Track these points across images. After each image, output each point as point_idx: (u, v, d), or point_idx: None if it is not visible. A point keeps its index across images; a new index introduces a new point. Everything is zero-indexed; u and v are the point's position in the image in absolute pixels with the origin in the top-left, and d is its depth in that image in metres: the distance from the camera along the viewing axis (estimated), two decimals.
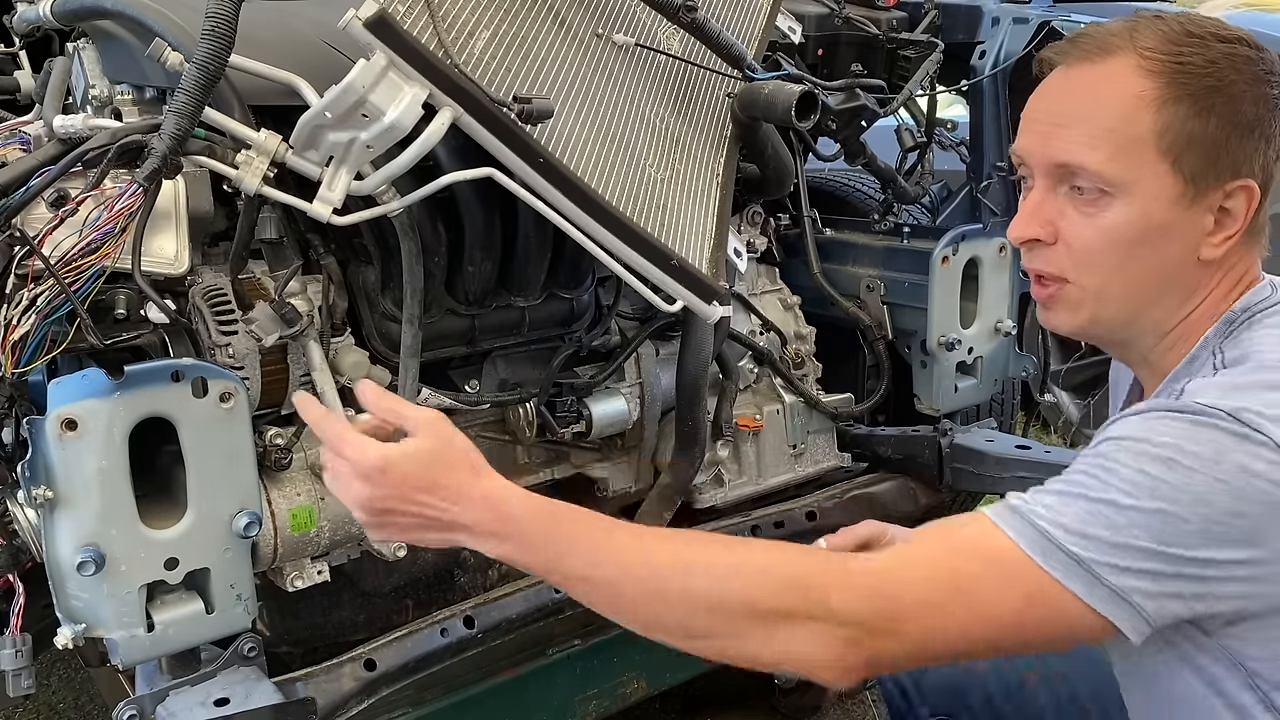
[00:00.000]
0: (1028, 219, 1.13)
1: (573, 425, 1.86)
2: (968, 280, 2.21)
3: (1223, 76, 1.06)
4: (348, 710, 1.52)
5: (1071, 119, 1.09)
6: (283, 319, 1.49)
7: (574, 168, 1.47)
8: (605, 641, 1.85)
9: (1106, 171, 1.07)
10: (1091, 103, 1.08)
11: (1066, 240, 1.11)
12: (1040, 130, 1.12)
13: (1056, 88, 1.12)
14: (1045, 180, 1.12)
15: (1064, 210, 1.11)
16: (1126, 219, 1.08)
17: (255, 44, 1.38)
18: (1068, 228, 1.11)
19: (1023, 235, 1.14)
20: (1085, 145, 1.07)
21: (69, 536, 1.29)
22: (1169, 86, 1.05)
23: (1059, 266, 1.13)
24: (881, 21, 2.34)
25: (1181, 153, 1.06)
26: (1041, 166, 1.12)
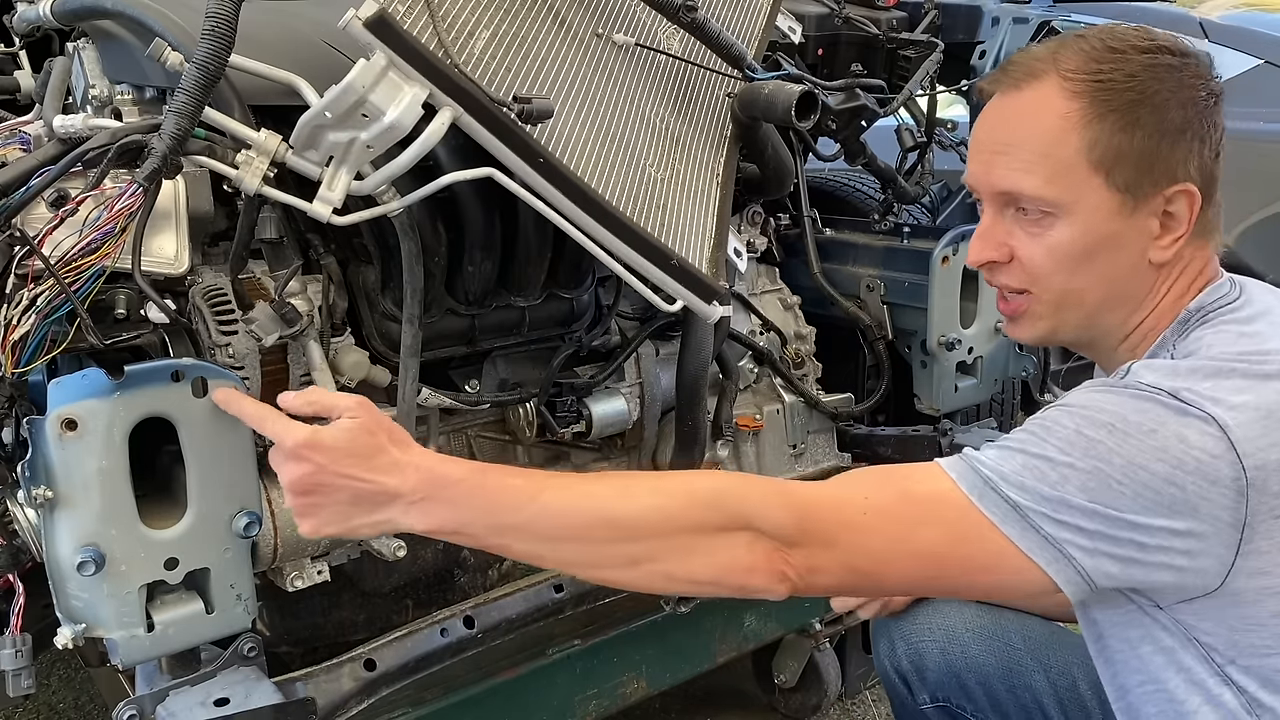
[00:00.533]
0: (981, 243, 1.20)
1: (573, 425, 1.86)
2: (968, 280, 2.21)
3: (1145, 88, 1.10)
4: (348, 710, 1.52)
5: (1007, 146, 1.15)
6: (283, 319, 1.49)
7: (574, 168, 1.47)
8: (605, 641, 1.85)
9: (1045, 194, 1.12)
10: (1022, 129, 1.14)
11: (1020, 258, 1.18)
12: (982, 159, 1.18)
13: (992, 116, 1.18)
14: (992, 205, 1.19)
15: (1013, 231, 1.17)
16: (1070, 236, 1.13)
17: (255, 44, 1.38)
18: (1019, 247, 1.17)
19: (979, 259, 1.21)
20: (1022, 171, 1.13)
21: (69, 536, 1.29)
22: (1092, 105, 1.10)
23: (1017, 281, 1.19)
24: (881, 21, 2.34)
25: (1113, 167, 1.11)
26: (987, 193, 1.19)
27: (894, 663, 1.57)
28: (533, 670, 1.77)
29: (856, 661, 2.39)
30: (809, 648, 2.26)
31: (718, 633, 2.03)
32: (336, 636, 1.82)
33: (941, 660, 1.50)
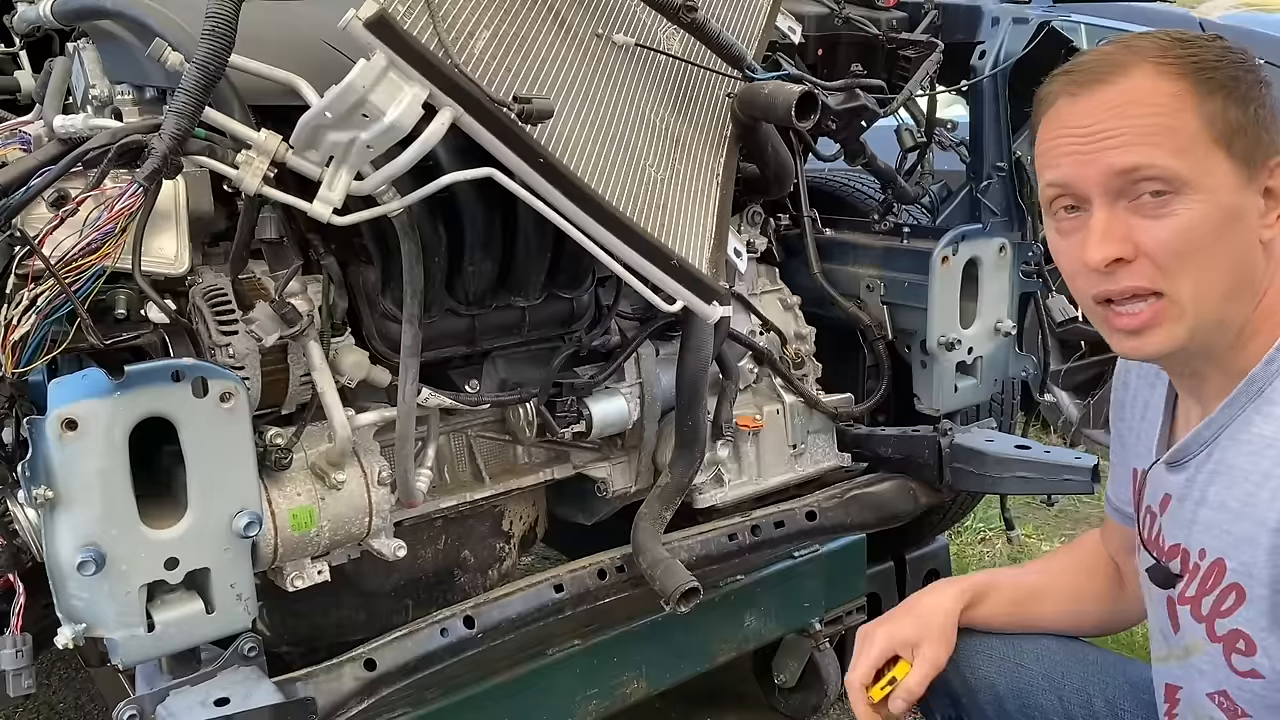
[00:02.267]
0: (1102, 239, 1.08)
1: (573, 425, 1.86)
2: (968, 280, 2.21)
3: (1236, 65, 1.08)
4: (348, 710, 1.52)
5: (1119, 130, 1.07)
6: (283, 319, 1.50)
7: (574, 168, 1.47)
8: (605, 641, 1.86)
9: (1174, 167, 1.05)
10: (1134, 111, 1.06)
11: (1147, 250, 1.07)
12: (1083, 151, 1.09)
13: (1084, 111, 1.09)
14: (1104, 197, 1.08)
15: (1132, 223, 1.07)
16: (1202, 213, 1.05)
17: (255, 44, 1.38)
18: (1145, 238, 1.07)
19: (1107, 255, 1.08)
20: (1145, 146, 1.05)
21: (69, 536, 1.29)
22: (1198, 83, 1.06)
23: (1147, 279, 1.08)
24: (881, 21, 2.34)
25: (1232, 138, 1.06)
26: (1098, 183, 1.08)
27: None
28: (533, 670, 1.78)
29: None
30: (809, 648, 2.26)
31: (718, 633, 2.03)
32: (336, 636, 1.82)
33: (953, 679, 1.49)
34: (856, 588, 2.26)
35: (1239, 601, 1.11)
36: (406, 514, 1.74)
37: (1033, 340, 2.90)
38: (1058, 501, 3.49)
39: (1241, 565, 1.10)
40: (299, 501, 1.53)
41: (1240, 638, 1.12)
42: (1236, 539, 1.11)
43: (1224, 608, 1.13)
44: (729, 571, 2.01)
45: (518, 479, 1.90)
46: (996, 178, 2.29)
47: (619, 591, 1.82)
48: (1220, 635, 1.15)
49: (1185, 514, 1.19)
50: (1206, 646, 1.17)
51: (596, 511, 2.08)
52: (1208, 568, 1.16)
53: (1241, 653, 1.13)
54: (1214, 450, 1.15)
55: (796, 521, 2.03)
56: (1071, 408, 4.06)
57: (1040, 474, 2.08)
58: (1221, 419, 1.14)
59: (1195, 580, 1.18)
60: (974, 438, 2.18)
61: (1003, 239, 2.25)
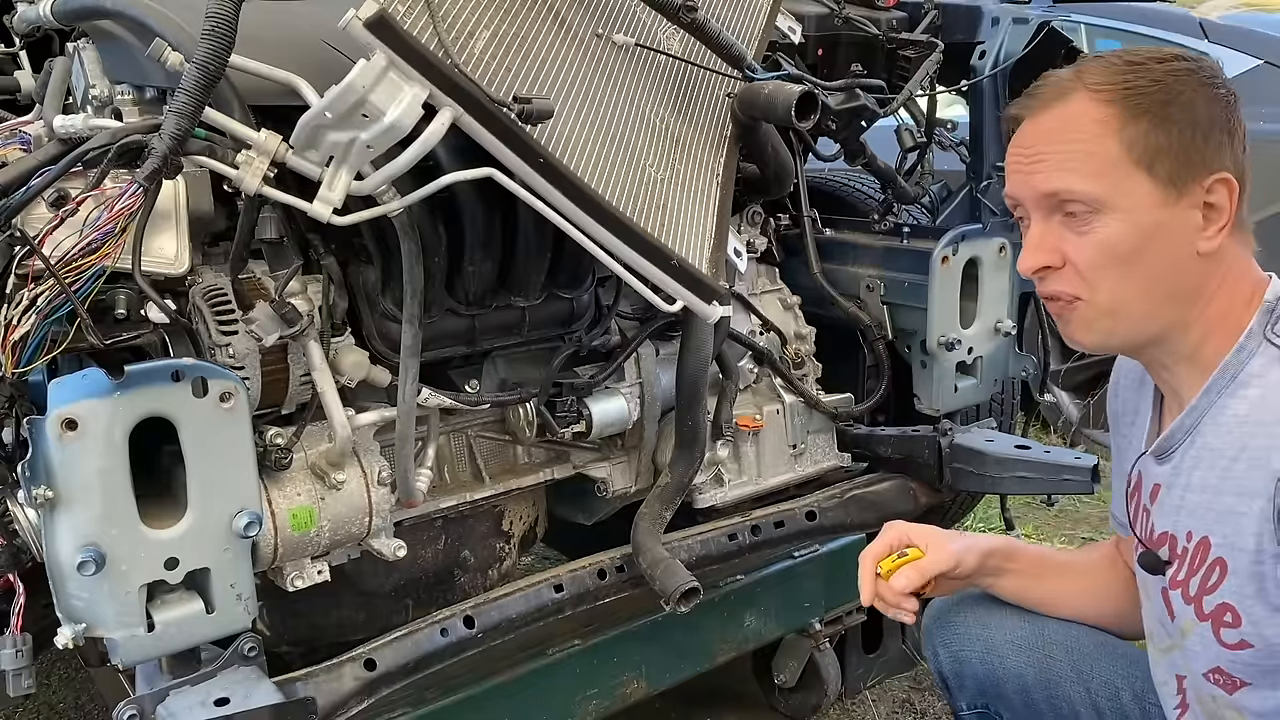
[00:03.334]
0: (1034, 250, 1.22)
1: (573, 425, 1.86)
2: (968, 280, 2.21)
3: (1170, 89, 1.16)
4: (348, 710, 1.52)
5: (1048, 154, 1.19)
6: (283, 319, 1.50)
7: (574, 168, 1.47)
8: (605, 641, 1.86)
9: (1091, 190, 1.16)
10: (1062, 137, 1.18)
11: (1072, 261, 1.19)
12: (1023, 170, 1.22)
13: (1029, 133, 1.23)
14: (1039, 213, 1.22)
15: (1062, 235, 1.20)
16: (1120, 230, 1.16)
17: (255, 44, 1.38)
18: (1070, 250, 1.19)
19: (1034, 265, 1.22)
20: (1066, 172, 1.17)
21: (69, 536, 1.29)
22: (1124, 109, 1.16)
23: (1071, 286, 1.20)
24: (881, 21, 2.34)
25: (1153, 161, 1.15)
26: (1031, 200, 1.22)
27: (938, 667, 1.61)
28: (533, 670, 1.78)
29: (856, 661, 2.39)
30: (809, 648, 2.26)
31: (718, 633, 2.03)
32: (336, 636, 1.82)
33: (981, 669, 1.53)
34: (856, 588, 2.26)
35: (1223, 575, 1.17)
36: (406, 514, 1.74)
37: (1033, 340, 2.91)
38: (1058, 501, 3.49)
39: (1224, 539, 1.16)
40: (299, 501, 1.54)
41: (1227, 610, 1.17)
42: (1219, 514, 1.17)
43: (1210, 584, 1.18)
44: (729, 571, 2.01)
45: (518, 479, 1.90)
46: (996, 178, 2.29)
47: (619, 591, 1.82)
48: (1208, 612, 1.19)
49: (1173, 500, 1.24)
50: (1196, 626, 1.21)
51: (596, 511, 2.08)
52: (1194, 548, 1.21)
53: (1229, 625, 1.17)
54: (1196, 437, 1.21)
55: (796, 521, 2.03)
56: (1071, 408, 4.06)
57: (1040, 474, 2.08)
58: (1201, 406, 1.20)
59: (1184, 564, 1.22)
60: (974, 438, 2.18)
61: (1003, 239, 2.25)
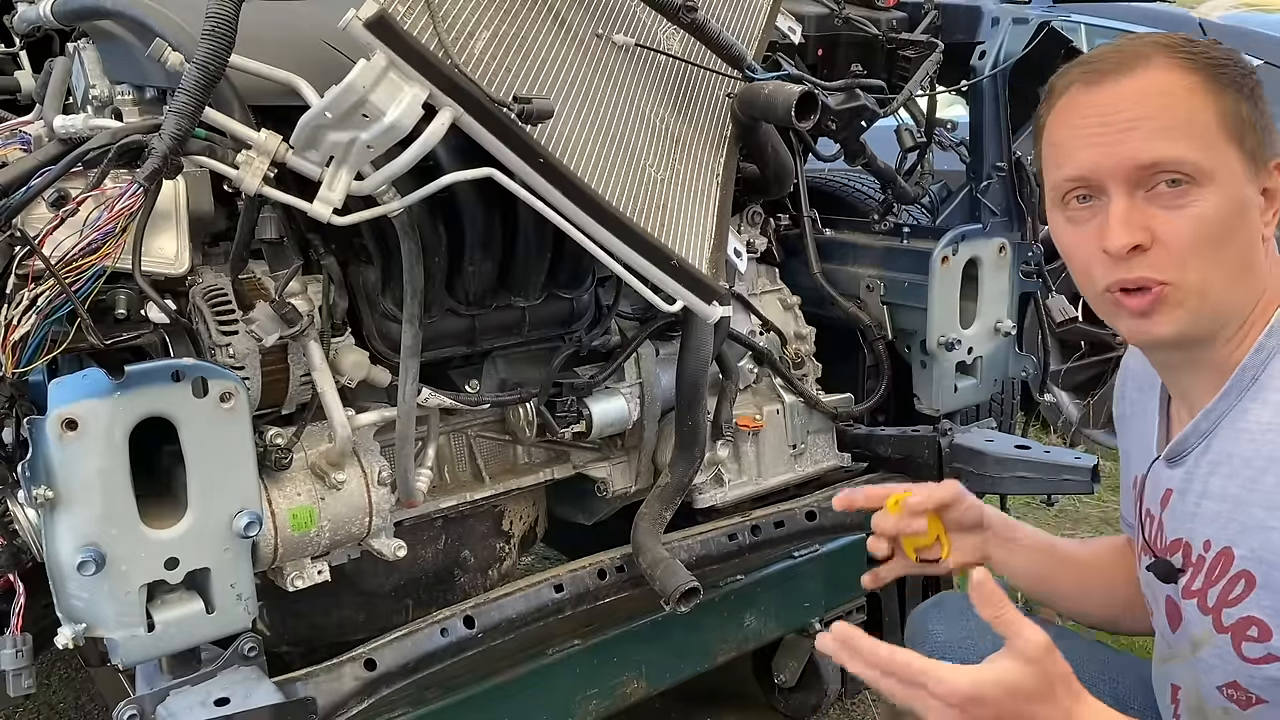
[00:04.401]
0: (1123, 227, 1.09)
1: (573, 425, 1.86)
2: (967, 280, 2.21)
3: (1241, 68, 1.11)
4: (348, 710, 1.52)
5: (1139, 121, 1.09)
6: (283, 319, 1.49)
7: (574, 168, 1.47)
8: (605, 641, 1.86)
9: (1195, 158, 1.07)
10: (1153, 103, 1.09)
11: (1164, 240, 1.09)
12: (1105, 140, 1.10)
13: (1105, 101, 1.11)
14: (1123, 187, 1.10)
15: (1150, 213, 1.09)
16: (1216, 205, 1.08)
17: (255, 44, 1.38)
18: (1162, 227, 1.09)
19: (1128, 242, 1.09)
20: (1167, 140, 1.07)
21: (69, 536, 1.29)
22: (1213, 78, 1.09)
23: (1161, 268, 1.10)
24: (881, 21, 2.34)
25: (1244, 134, 1.09)
26: (1119, 173, 1.10)
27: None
28: (533, 670, 1.77)
29: None
30: (809, 647, 2.26)
31: (718, 633, 2.03)
32: (337, 636, 1.82)
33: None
34: (856, 588, 2.25)
35: (1249, 588, 1.11)
36: (406, 514, 1.74)
37: (1033, 340, 2.90)
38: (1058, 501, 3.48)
39: (1252, 552, 1.11)
40: (299, 501, 1.54)
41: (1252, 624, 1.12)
42: (1244, 526, 1.11)
43: (1232, 596, 1.14)
44: (729, 571, 2.01)
45: (518, 479, 1.90)
46: (996, 178, 2.29)
47: (619, 591, 1.82)
48: (1228, 625, 1.15)
49: (1187, 507, 1.19)
50: (1214, 638, 1.17)
51: (596, 511, 2.08)
52: (1213, 558, 1.16)
53: (1254, 639, 1.12)
54: (1212, 441, 1.16)
55: (796, 521, 2.03)
56: (1071, 408, 4.06)
57: (1040, 474, 2.09)
58: (1218, 409, 1.15)
59: (1200, 572, 1.18)
60: (974, 438, 2.18)
61: (1003, 239, 2.26)
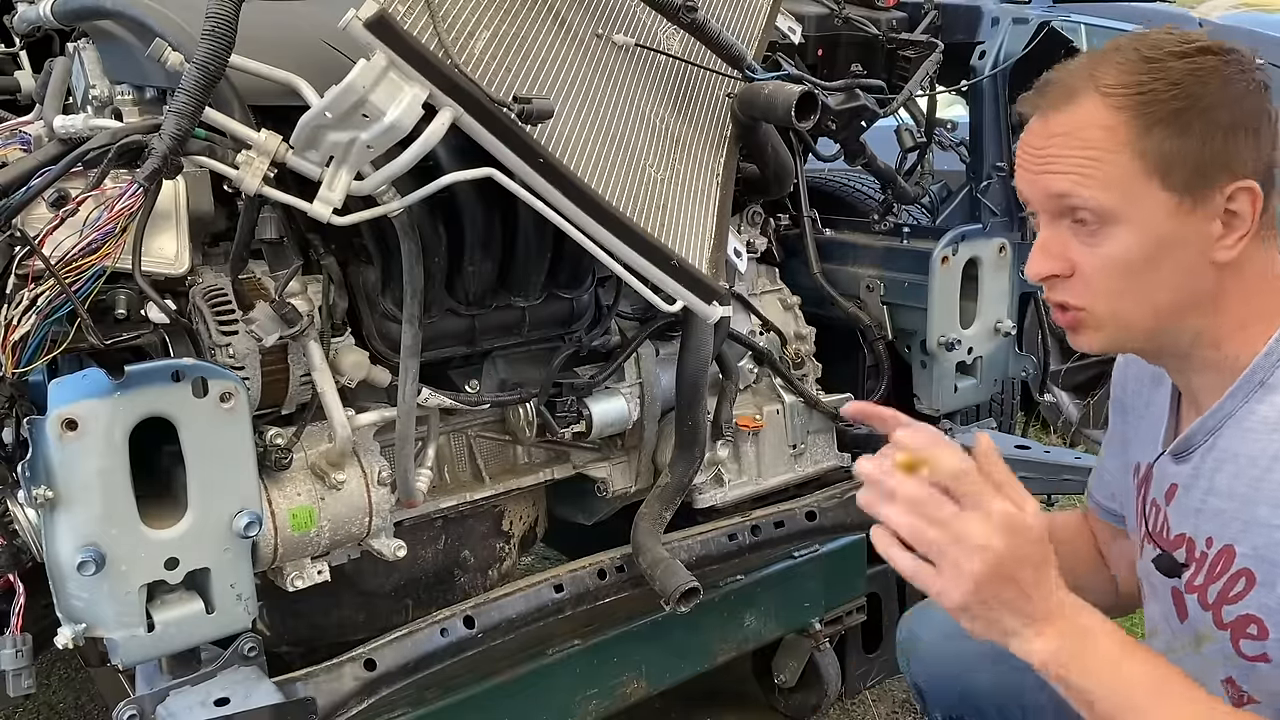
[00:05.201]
0: (1040, 256, 1.16)
1: (573, 425, 1.86)
2: (967, 280, 2.21)
3: (1189, 93, 1.08)
4: (348, 710, 1.52)
5: (1056, 158, 1.12)
6: (283, 319, 1.49)
7: (574, 168, 1.47)
8: (605, 641, 1.85)
9: (1100, 201, 1.09)
10: (1070, 143, 1.11)
11: (1081, 271, 1.14)
12: (1031, 170, 1.15)
13: (1037, 133, 1.16)
14: (1046, 215, 1.16)
15: (1069, 242, 1.14)
16: (1127, 244, 1.10)
17: (255, 44, 1.38)
18: (1078, 258, 1.13)
19: (1040, 272, 1.16)
20: (1075, 180, 1.10)
21: (69, 536, 1.29)
22: (1136, 118, 1.08)
23: (1077, 296, 1.15)
24: (881, 22, 2.34)
25: (1168, 171, 1.08)
26: (1039, 201, 1.16)
27: (913, 679, 1.62)
28: (533, 670, 1.77)
29: (856, 661, 2.38)
30: (809, 648, 2.26)
31: (718, 633, 2.02)
32: (337, 636, 1.82)
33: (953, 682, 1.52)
34: (856, 588, 2.26)
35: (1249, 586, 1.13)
36: (406, 514, 1.74)
37: (1033, 340, 2.91)
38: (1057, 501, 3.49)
39: (1254, 550, 1.12)
40: (299, 501, 1.53)
41: (1251, 622, 1.13)
42: (1246, 524, 1.12)
43: (1233, 593, 1.15)
44: (729, 571, 2.01)
45: (518, 479, 1.90)
46: (996, 178, 2.29)
47: (619, 591, 1.82)
48: (1228, 621, 1.16)
49: (1192, 502, 1.21)
50: (1214, 633, 1.18)
51: (596, 511, 2.08)
52: (1215, 555, 1.17)
53: (1253, 637, 1.14)
54: (1218, 439, 1.17)
55: (796, 521, 2.03)
56: (1071, 408, 4.06)
57: (1040, 474, 2.09)
58: (1226, 408, 1.16)
59: (1203, 569, 1.19)
60: (974, 438, 2.17)
61: (1003, 239, 2.26)
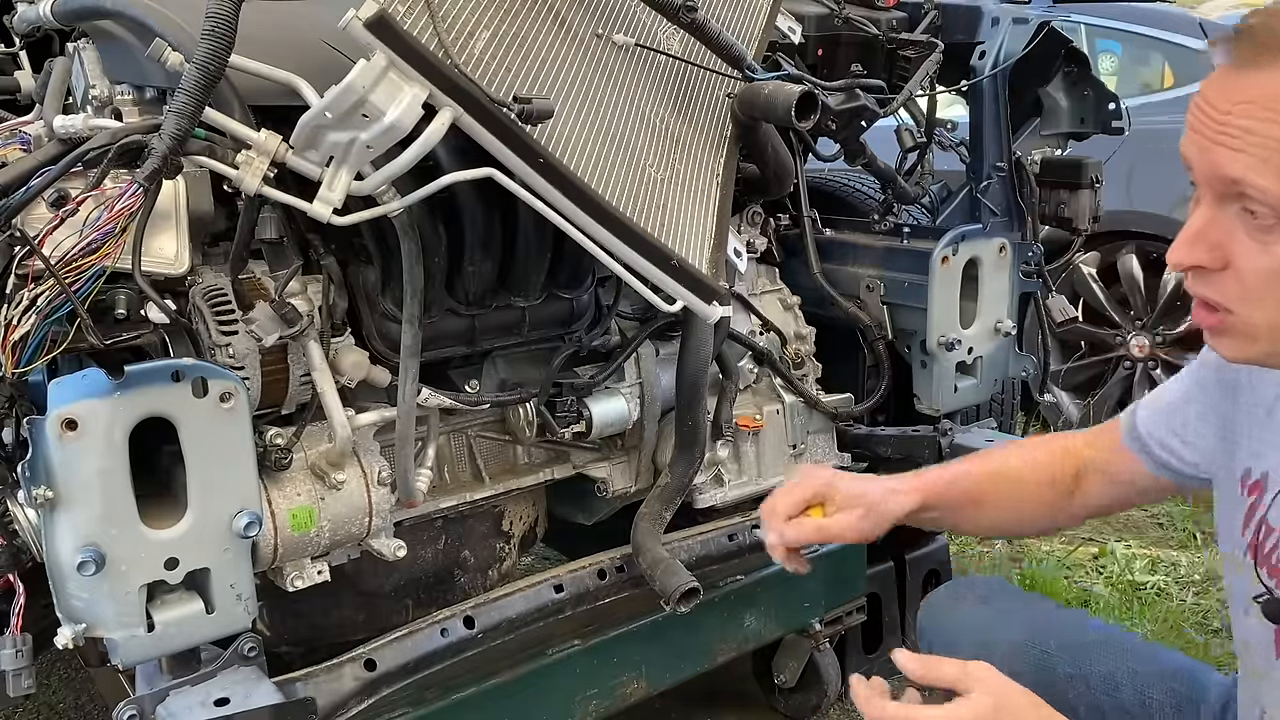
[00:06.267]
0: (1191, 242, 0.99)
1: (573, 425, 1.86)
2: (967, 280, 2.21)
3: None
4: (348, 710, 1.52)
5: (1238, 130, 0.94)
6: (283, 319, 1.49)
7: (574, 168, 1.47)
8: (605, 641, 1.86)
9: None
10: (1258, 115, 0.93)
11: (1238, 268, 0.97)
12: (1205, 135, 0.97)
13: (1221, 90, 0.96)
14: (1210, 194, 0.98)
15: (1234, 233, 0.97)
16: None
17: (255, 44, 1.38)
18: (1240, 255, 0.97)
19: (1183, 262, 0.99)
20: (1256, 163, 0.93)
21: (69, 536, 1.29)
22: None
23: (1227, 296, 0.99)
24: (881, 22, 2.34)
25: None
26: (1205, 178, 0.98)
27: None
28: (533, 670, 1.77)
29: (856, 661, 2.39)
30: (809, 648, 2.26)
31: (717, 633, 2.03)
32: (336, 636, 1.82)
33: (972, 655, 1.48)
34: (856, 588, 2.26)
35: None
36: (406, 514, 1.74)
37: (1033, 340, 2.91)
38: None
39: None
40: (299, 501, 1.53)
41: None
42: None
43: None
44: (729, 571, 2.01)
45: (518, 479, 1.90)
46: (996, 178, 2.29)
47: (619, 591, 1.82)
48: None
49: None
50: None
51: (596, 511, 2.08)
52: None
53: None
54: None
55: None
56: (1071, 408, 4.06)
57: None
58: None
59: None
60: (974, 438, 2.18)
61: (1003, 239, 2.26)
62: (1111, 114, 2.43)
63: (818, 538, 1.38)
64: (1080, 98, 2.45)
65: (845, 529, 1.37)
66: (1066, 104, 2.47)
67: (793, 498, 1.38)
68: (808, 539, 1.38)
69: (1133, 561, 3.17)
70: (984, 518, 1.48)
